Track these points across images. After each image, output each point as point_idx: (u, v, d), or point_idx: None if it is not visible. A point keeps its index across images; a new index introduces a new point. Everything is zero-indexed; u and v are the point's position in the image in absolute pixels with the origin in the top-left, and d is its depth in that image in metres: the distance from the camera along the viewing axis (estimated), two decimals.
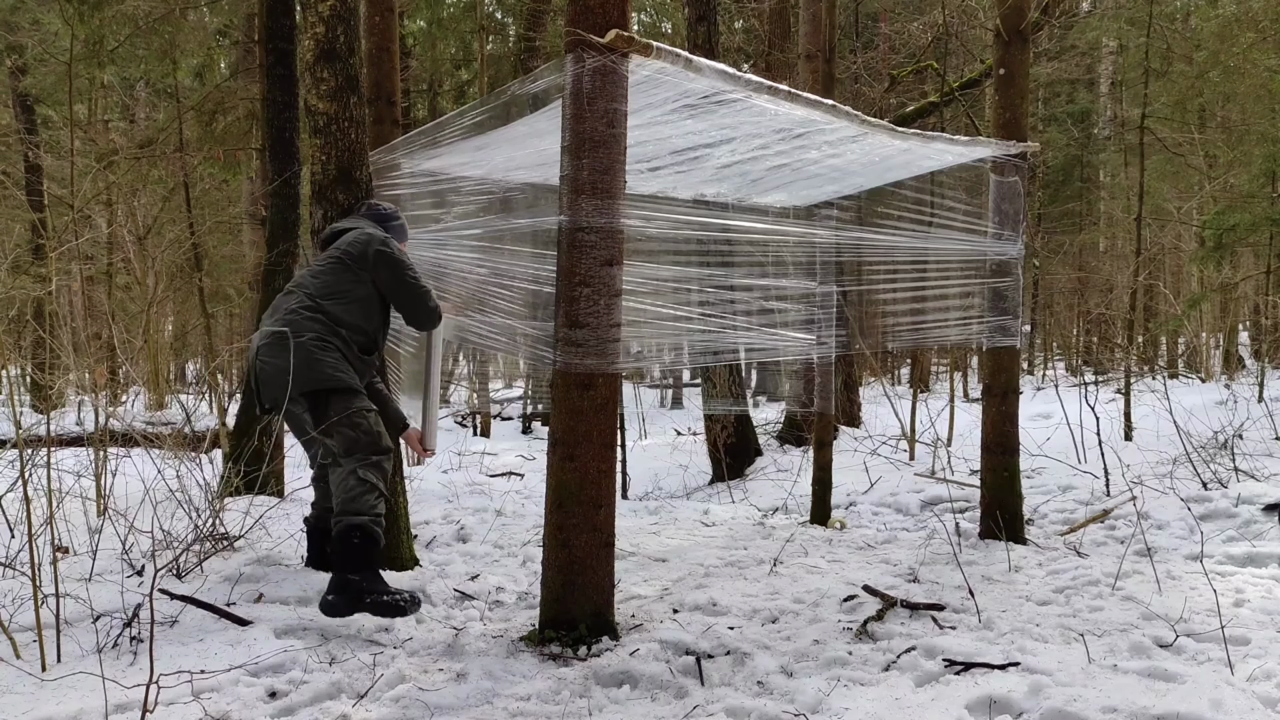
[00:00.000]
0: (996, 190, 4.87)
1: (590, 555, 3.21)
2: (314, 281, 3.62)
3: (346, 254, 3.65)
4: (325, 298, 3.57)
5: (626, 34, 3.05)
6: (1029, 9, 4.95)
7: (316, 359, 3.45)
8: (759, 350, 5.53)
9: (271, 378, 3.45)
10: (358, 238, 3.68)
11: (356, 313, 3.62)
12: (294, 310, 3.54)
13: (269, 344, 3.48)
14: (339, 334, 3.54)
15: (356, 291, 3.62)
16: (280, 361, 3.42)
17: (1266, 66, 9.53)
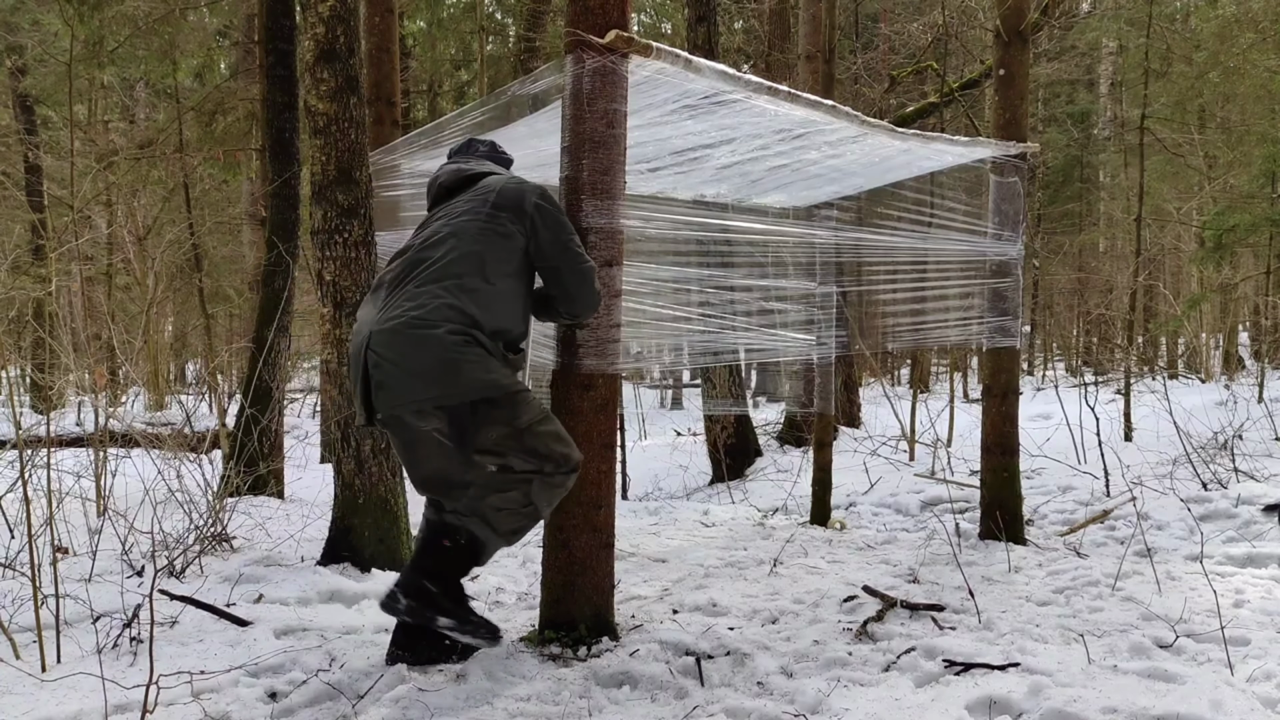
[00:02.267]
0: (996, 191, 4.87)
1: (590, 556, 3.21)
2: (449, 248, 2.72)
3: (497, 206, 2.79)
4: (468, 271, 2.70)
5: (626, 35, 3.05)
6: (1029, 9, 4.95)
7: (465, 361, 2.63)
8: (759, 351, 5.53)
9: (396, 381, 2.62)
10: (508, 185, 2.84)
11: (508, 292, 2.76)
12: (424, 288, 2.66)
13: (390, 334, 2.63)
14: (485, 323, 2.70)
15: (510, 262, 2.77)
16: (410, 361, 2.61)
17: (1266, 67, 9.53)
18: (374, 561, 4.03)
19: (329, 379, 4.12)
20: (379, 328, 2.66)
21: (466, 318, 2.65)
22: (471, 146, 3.15)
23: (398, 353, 2.62)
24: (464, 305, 2.66)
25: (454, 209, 2.84)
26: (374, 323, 2.68)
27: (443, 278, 2.68)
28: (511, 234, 2.77)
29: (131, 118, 15.36)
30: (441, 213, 2.88)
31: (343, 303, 3.99)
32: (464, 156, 3.10)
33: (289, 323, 5.95)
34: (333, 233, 3.98)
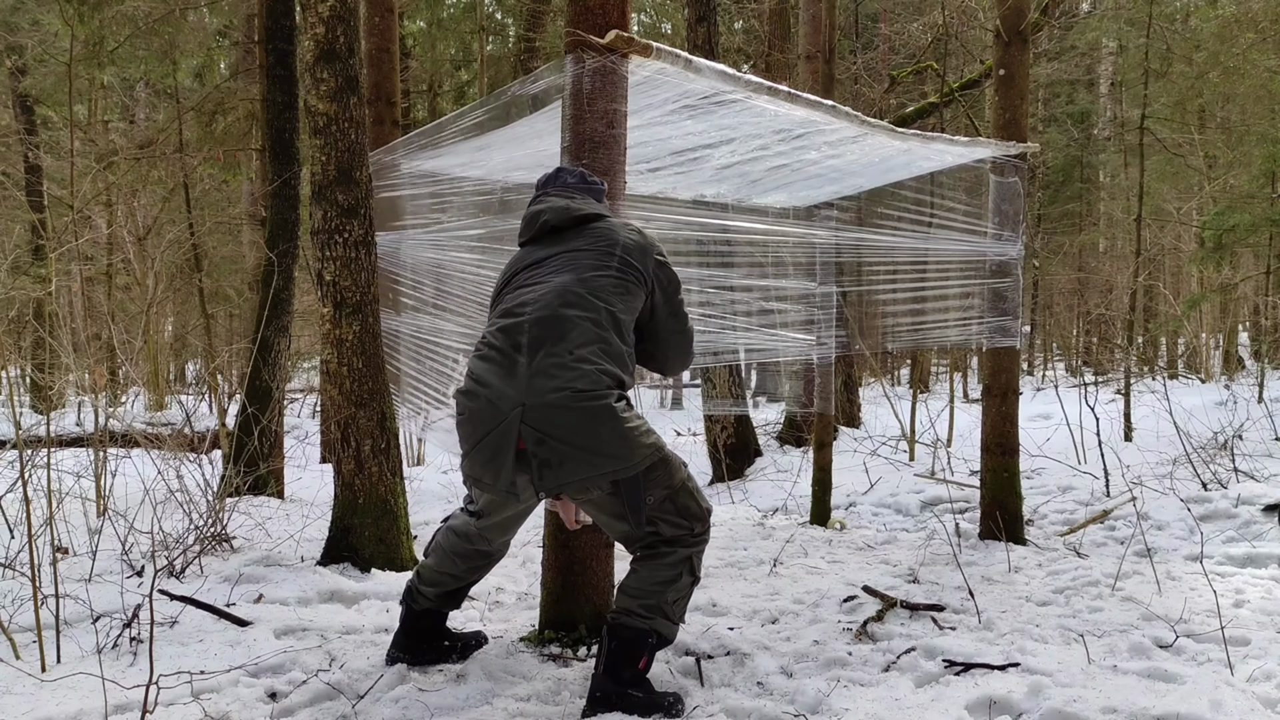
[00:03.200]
0: (996, 191, 4.87)
1: (590, 555, 3.21)
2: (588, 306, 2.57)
3: (625, 263, 2.66)
4: (608, 331, 2.57)
5: (626, 35, 3.05)
6: (1029, 10, 4.95)
7: (633, 429, 2.50)
8: (759, 351, 5.53)
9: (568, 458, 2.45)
10: (630, 240, 2.72)
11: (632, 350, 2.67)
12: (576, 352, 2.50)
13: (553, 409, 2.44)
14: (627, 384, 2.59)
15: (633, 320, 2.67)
16: (583, 436, 2.45)
17: (1266, 67, 9.53)
18: (374, 561, 4.03)
19: (329, 379, 4.12)
20: (538, 401, 2.44)
21: (617, 380, 2.53)
22: (561, 177, 2.93)
23: (569, 430, 2.44)
24: (614, 369, 2.53)
25: (578, 260, 2.66)
26: (526, 395, 2.45)
27: (589, 341, 2.52)
28: (637, 293, 2.67)
29: (131, 118, 15.36)
30: (558, 259, 2.68)
31: (343, 303, 3.99)
32: (561, 190, 2.87)
33: (289, 323, 5.95)
34: (333, 233, 3.98)
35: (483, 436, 2.52)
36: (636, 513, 2.56)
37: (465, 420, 2.58)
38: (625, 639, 2.64)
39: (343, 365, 4.02)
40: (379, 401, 4.08)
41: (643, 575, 2.67)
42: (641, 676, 2.64)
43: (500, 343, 2.58)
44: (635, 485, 2.55)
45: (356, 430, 4.03)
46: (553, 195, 2.86)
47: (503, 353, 2.56)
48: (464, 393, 2.59)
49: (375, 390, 4.07)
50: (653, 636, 2.66)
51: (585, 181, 2.92)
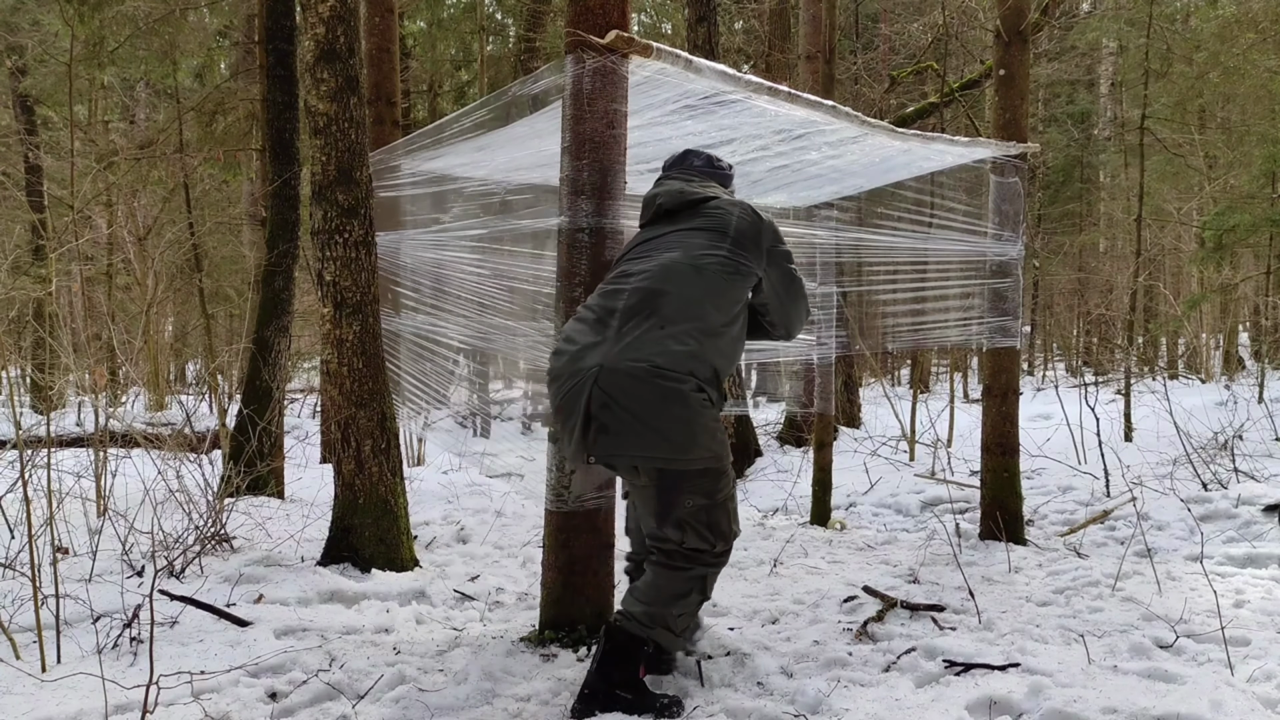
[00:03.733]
0: (996, 191, 4.87)
1: (590, 556, 3.21)
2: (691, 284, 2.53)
3: (737, 244, 2.61)
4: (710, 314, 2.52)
5: (627, 35, 3.05)
6: (1029, 10, 4.95)
7: (701, 425, 2.46)
8: (759, 350, 5.53)
9: (627, 430, 2.43)
10: (743, 222, 2.67)
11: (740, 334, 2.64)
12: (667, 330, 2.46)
13: (629, 378, 2.42)
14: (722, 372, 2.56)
15: (743, 301, 2.64)
16: (650, 415, 2.41)
17: (1266, 67, 9.54)
18: (374, 562, 4.02)
19: (329, 379, 4.12)
20: (615, 365, 2.42)
21: (708, 370, 2.49)
22: (687, 159, 2.93)
23: (637, 401, 2.40)
24: (707, 355, 2.49)
25: (689, 239, 2.64)
26: (606, 357, 2.44)
27: (685, 319, 2.48)
28: (749, 274, 2.64)
29: (131, 118, 15.36)
30: (670, 238, 2.67)
31: (343, 303, 3.99)
32: (682, 172, 2.88)
33: (289, 323, 5.95)
34: (333, 233, 3.98)
35: (564, 395, 2.51)
36: (667, 510, 2.49)
37: (550, 379, 2.59)
38: (621, 643, 2.60)
39: (343, 365, 4.02)
40: (379, 401, 4.08)
41: (654, 584, 2.61)
42: (635, 679, 2.58)
43: (597, 307, 2.59)
44: (677, 481, 2.48)
45: (357, 430, 4.03)
46: (673, 178, 2.88)
47: (598, 316, 2.57)
48: (553, 352, 2.61)
49: (375, 390, 4.07)
50: (650, 645, 2.63)
51: (711, 165, 2.91)
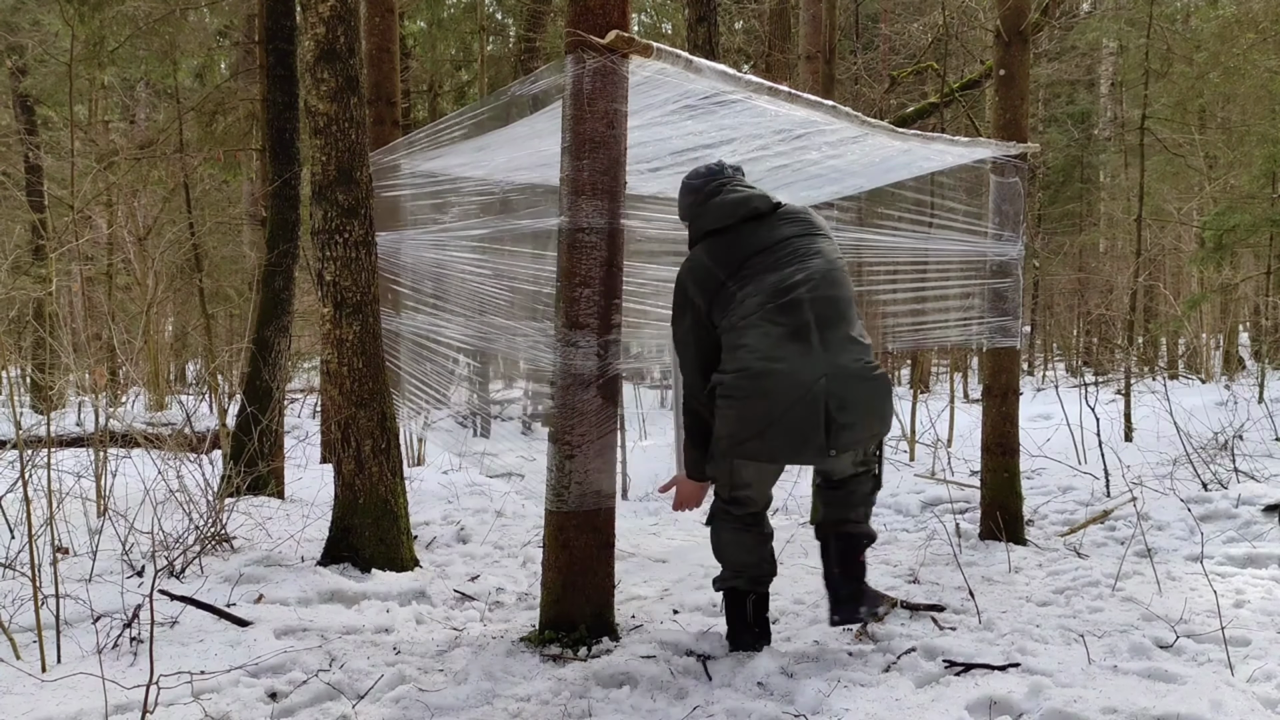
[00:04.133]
0: (997, 191, 4.87)
1: (590, 556, 3.21)
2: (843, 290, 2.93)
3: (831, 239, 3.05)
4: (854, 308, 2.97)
5: (627, 35, 3.05)
6: (1029, 10, 4.95)
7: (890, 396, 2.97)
8: None
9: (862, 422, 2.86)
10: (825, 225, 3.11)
11: None
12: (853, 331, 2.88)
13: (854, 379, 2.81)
14: None
15: None
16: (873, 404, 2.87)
17: (1267, 67, 9.53)
18: (374, 562, 4.02)
19: (329, 379, 4.12)
20: (838, 373, 2.78)
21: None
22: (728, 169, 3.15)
23: (863, 397, 2.82)
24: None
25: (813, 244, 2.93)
26: (829, 367, 2.78)
27: (855, 317, 2.91)
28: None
29: (132, 118, 15.36)
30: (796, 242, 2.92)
31: (343, 303, 3.99)
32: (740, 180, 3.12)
33: (289, 323, 5.95)
34: (333, 233, 3.98)
35: (786, 409, 2.75)
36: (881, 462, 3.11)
37: (759, 397, 2.75)
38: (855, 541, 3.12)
39: (343, 365, 4.02)
40: (379, 401, 4.08)
41: (856, 492, 3.08)
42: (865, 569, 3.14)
43: (784, 322, 2.79)
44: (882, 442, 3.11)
45: (357, 430, 4.03)
46: (740, 184, 3.07)
47: (791, 331, 2.79)
48: (755, 374, 2.76)
49: (375, 390, 4.07)
50: (868, 538, 3.14)
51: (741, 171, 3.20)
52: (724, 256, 2.92)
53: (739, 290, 2.85)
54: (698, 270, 2.93)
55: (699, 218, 3.04)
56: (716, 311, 2.87)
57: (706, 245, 2.98)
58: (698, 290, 2.90)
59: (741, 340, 2.80)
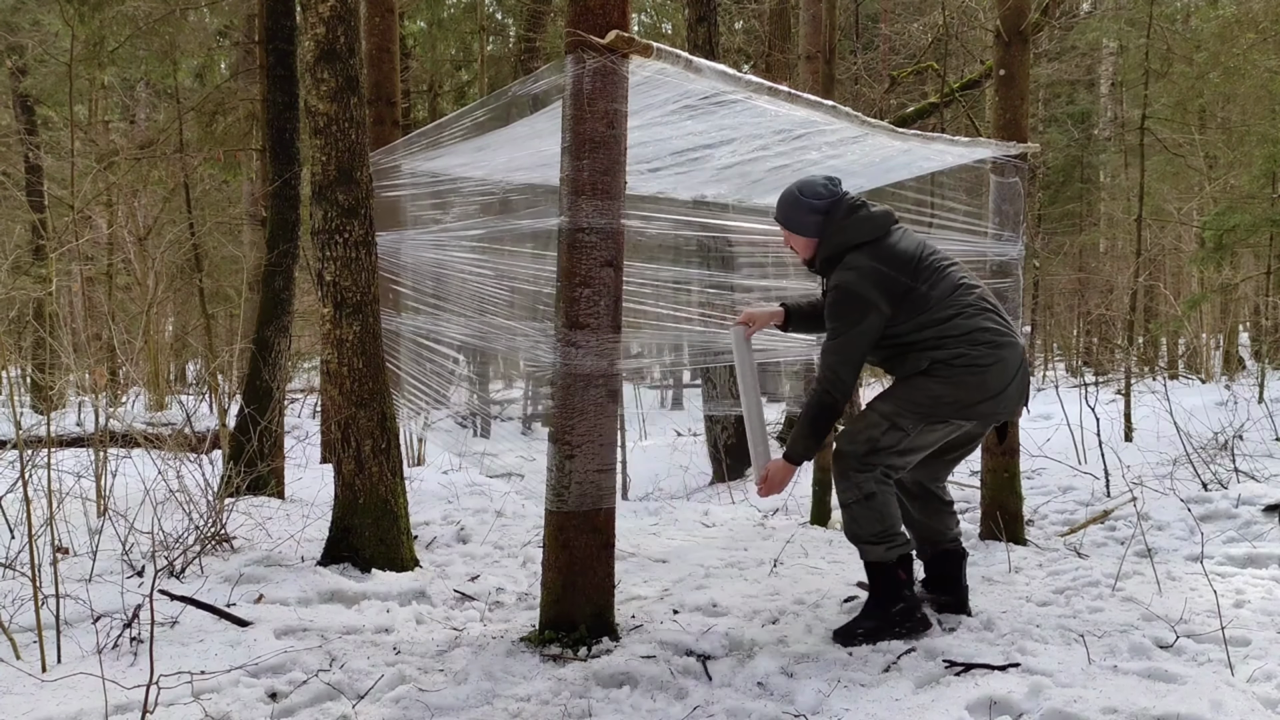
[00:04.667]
0: (997, 191, 4.87)
1: (590, 556, 3.21)
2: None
3: None
4: None
5: (627, 35, 3.05)
6: (1029, 10, 4.95)
7: None
8: (759, 351, 5.52)
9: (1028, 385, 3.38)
10: None
11: None
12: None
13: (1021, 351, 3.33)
14: None
15: None
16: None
17: (1267, 67, 9.53)
18: (374, 562, 4.02)
19: (329, 379, 4.12)
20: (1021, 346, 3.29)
21: None
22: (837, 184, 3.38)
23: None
24: None
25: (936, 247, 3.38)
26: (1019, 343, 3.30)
27: None
28: None
29: (132, 118, 15.36)
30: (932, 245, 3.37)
31: (343, 303, 3.99)
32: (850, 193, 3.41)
33: (289, 323, 5.95)
34: (333, 233, 3.98)
35: (1015, 372, 3.24)
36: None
37: (1000, 363, 3.19)
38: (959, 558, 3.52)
39: (343, 365, 4.02)
40: (379, 401, 4.08)
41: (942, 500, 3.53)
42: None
43: (995, 307, 3.29)
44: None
45: (357, 430, 4.03)
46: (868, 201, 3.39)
47: (999, 312, 3.28)
48: (999, 345, 3.19)
49: (375, 390, 4.07)
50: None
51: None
52: (897, 262, 3.18)
53: (930, 290, 3.18)
54: (878, 277, 3.16)
55: (844, 231, 3.24)
56: (905, 310, 3.17)
57: (872, 254, 3.19)
58: (881, 295, 3.15)
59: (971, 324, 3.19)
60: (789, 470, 3.31)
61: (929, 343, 3.17)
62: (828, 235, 3.27)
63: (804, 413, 3.28)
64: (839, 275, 3.20)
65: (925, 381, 3.18)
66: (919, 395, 3.18)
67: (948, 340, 3.16)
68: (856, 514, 3.22)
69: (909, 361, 3.22)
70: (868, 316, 3.14)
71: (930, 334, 3.17)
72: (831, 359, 3.18)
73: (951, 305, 3.19)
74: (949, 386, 3.16)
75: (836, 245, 3.24)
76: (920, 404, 3.17)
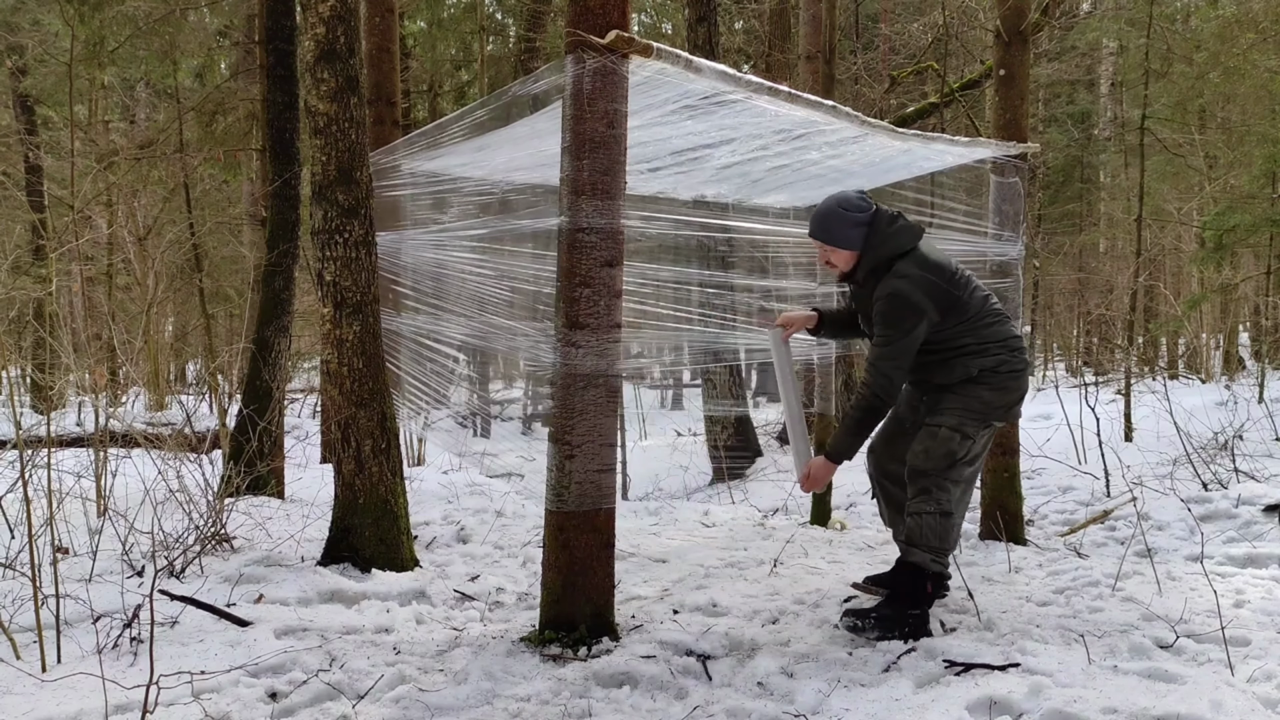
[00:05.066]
0: (997, 191, 4.87)
1: (590, 556, 3.21)
2: None
3: None
4: None
5: (627, 35, 3.05)
6: (1029, 10, 4.95)
7: None
8: (759, 351, 5.53)
9: None
10: None
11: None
12: None
13: None
14: None
15: None
16: None
17: (1267, 67, 9.53)
18: (374, 562, 4.02)
19: (329, 379, 4.12)
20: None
21: None
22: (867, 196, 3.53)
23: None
24: None
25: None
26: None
27: None
28: None
29: (132, 118, 15.36)
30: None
31: (343, 303, 3.99)
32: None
33: (289, 323, 5.95)
34: (333, 233, 3.98)
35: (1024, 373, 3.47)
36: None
37: (1028, 367, 3.48)
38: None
39: (343, 365, 4.02)
40: (379, 401, 4.08)
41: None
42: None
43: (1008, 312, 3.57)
44: None
45: (357, 430, 4.03)
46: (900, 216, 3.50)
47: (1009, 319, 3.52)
48: (1023, 350, 3.46)
49: (375, 390, 4.07)
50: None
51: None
52: (940, 270, 3.33)
53: (965, 295, 3.35)
54: (928, 284, 3.29)
55: (886, 241, 3.34)
56: (951, 316, 3.32)
57: (917, 263, 3.31)
58: (931, 302, 3.27)
59: (1006, 330, 3.40)
60: (830, 468, 3.46)
61: (971, 349, 3.33)
62: (872, 245, 3.35)
63: (850, 414, 3.37)
64: (890, 283, 3.28)
65: (976, 389, 3.34)
66: (974, 403, 3.33)
67: (990, 347, 3.34)
68: (925, 524, 3.31)
69: (956, 369, 3.35)
70: (920, 324, 3.26)
71: (971, 340, 3.33)
72: (884, 365, 3.28)
73: (987, 314, 3.37)
74: (997, 392, 3.35)
75: (881, 255, 3.33)
76: (977, 411, 3.34)
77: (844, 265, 3.45)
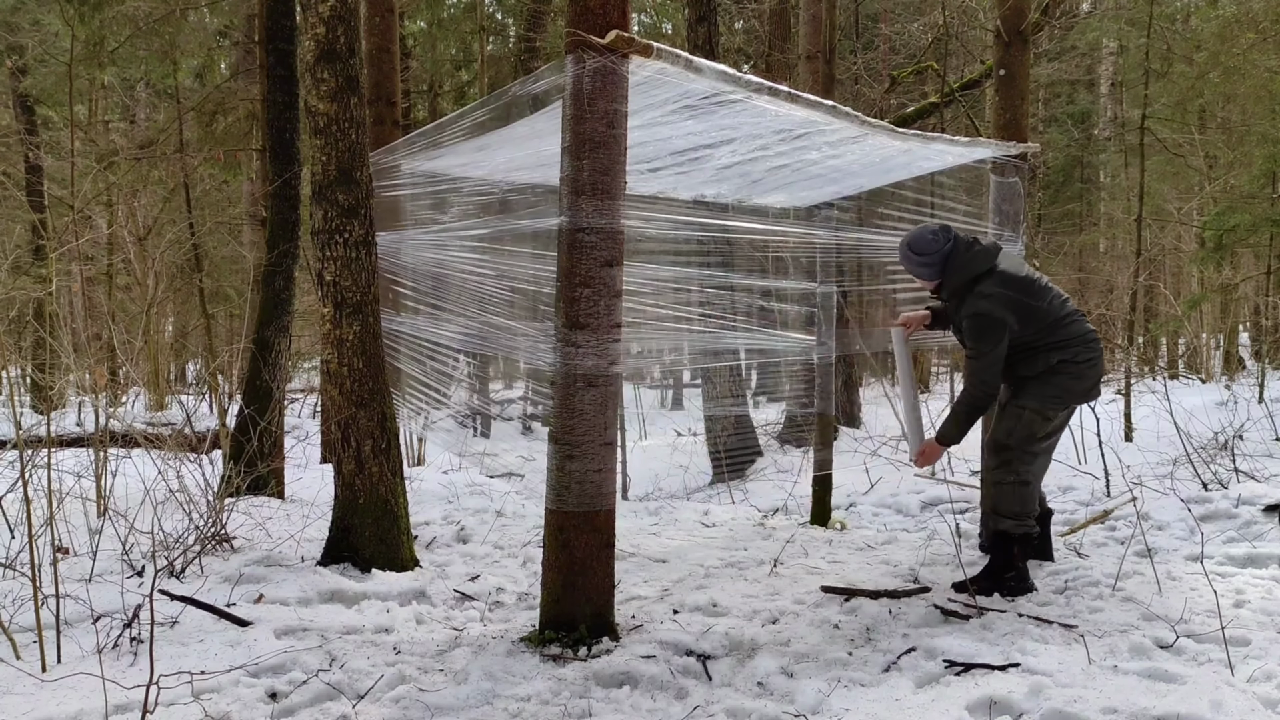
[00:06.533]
0: (996, 191, 4.87)
1: (590, 556, 3.21)
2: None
3: None
4: None
5: (627, 35, 3.05)
6: (1029, 10, 4.96)
7: None
8: (759, 350, 5.53)
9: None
10: None
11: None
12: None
13: None
14: None
15: None
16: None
17: (1267, 67, 9.53)
18: (374, 561, 4.02)
19: (329, 379, 4.12)
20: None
21: None
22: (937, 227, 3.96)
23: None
24: None
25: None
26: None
27: None
28: None
29: (132, 118, 15.35)
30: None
31: (343, 303, 3.99)
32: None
33: (289, 323, 5.95)
34: (333, 233, 3.98)
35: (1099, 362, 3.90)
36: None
37: (1100, 357, 3.87)
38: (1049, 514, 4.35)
39: (343, 365, 4.02)
40: (379, 401, 4.08)
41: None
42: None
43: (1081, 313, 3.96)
44: None
45: (357, 430, 4.03)
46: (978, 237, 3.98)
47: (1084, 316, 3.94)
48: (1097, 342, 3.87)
49: (375, 390, 4.07)
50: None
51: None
52: (1018, 285, 3.79)
53: (1044, 304, 3.80)
54: (1007, 300, 3.76)
55: (964, 268, 3.82)
56: (1031, 323, 3.76)
57: (997, 281, 3.77)
58: (1012, 315, 3.74)
59: (1081, 328, 3.85)
60: (939, 449, 3.96)
61: (1052, 345, 3.80)
62: (949, 275, 3.85)
63: (958, 408, 3.86)
64: (974, 304, 3.76)
65: (1055, 377, 3.80)
66: (1052, 390, 3.80)
67: (1068, 342, 3.81)
68: (1006, 493, 3.85)
69: (1038, 362, 3.81)
70: (1004, 339, 3.74)
71: (1051, 339, 3.80)
72: (982, 375, 3.78)
73: (1066, 316, 3.84)
74: (1074, 379, 3.82)
75: (960, 279, 3.82)
76: (1056, 395, 3.82)
77: (930, 289, 4.00)
